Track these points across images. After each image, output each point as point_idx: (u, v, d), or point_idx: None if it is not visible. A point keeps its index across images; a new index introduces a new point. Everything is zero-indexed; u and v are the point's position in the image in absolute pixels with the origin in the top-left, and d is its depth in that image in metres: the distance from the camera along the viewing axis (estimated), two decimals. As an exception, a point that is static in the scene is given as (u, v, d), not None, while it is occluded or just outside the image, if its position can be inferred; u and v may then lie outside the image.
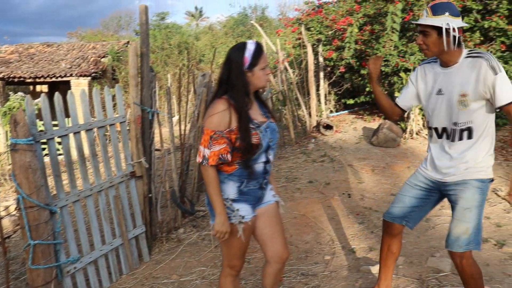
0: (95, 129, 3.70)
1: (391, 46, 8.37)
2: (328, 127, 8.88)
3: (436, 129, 2.68)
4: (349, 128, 9.22)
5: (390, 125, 7.68)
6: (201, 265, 4.01)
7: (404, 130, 8.18)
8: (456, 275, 3.39)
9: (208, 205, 2.50)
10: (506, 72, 7.57)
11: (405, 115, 8.25)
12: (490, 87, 2.41)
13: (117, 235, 3.90)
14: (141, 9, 3.94)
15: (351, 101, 10.22)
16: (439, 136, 2.67)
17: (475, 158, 2.54)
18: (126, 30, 42.02)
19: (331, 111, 10.73)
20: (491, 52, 8.05)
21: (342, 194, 5.51)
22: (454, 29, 2.44)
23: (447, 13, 2.46)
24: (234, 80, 2.34)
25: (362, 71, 9.21)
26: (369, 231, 4.45)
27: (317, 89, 10.08)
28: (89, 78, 17.13)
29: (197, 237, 4.60)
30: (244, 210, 2.44)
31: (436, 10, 2.48)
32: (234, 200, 2.43)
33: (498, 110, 2.52)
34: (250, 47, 2.35)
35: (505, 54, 8.01)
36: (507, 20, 8.08)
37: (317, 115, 9.63)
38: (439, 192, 2.75)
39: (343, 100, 10.92)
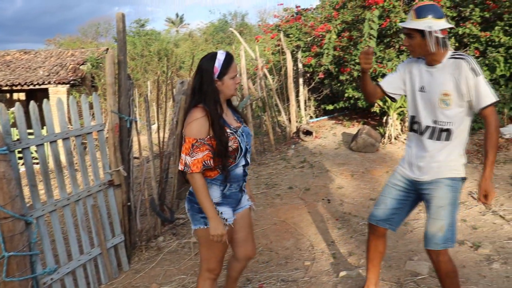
0: (72, 138, 3.66)
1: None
2: (308, 133, 8.93)
3: (418, 124, 2.75)
4: (329, 133, 9.29)
5: (368, 130, 7.76)
6: (181, 273, 3.99)
7: (382, 135, 8.27)
8: (434, 278, 3.45)
9: (189, 211, 2.56)
10: (481, 78, 7.74)
11: (384, 120, 8.36)
12: (471, 88, 2.49)
13: (95, 244, 3.86)
14: (118, 17, 3.93)
15: (330, 107, 10.30)
16: (420, 133, 2.74)
17: (447, 158, 2.63)
18: (105, 37, 41.71)
19: (311, 117, 10.80)
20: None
21: (322, 200, 5.54)
22: (436, 31, 2.51)
23: (430, 16, 2.54)
24: (205, 88, 2.42)
25: (341, 77, 9.29)
26: (349, 236, 4.48)
27: (297, 95, 10.14)
28: (68, 85, 16.93)
29: (177, 245, 4.57)
30: (226, 213, 2.53)
31: (420, 13, 2.55)
32: (218, 204, 2.51)
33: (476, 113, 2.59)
34: (220, 57, 2.44)
35: (478, 59, 8.18)
36: (480, 27, 8.27)
37: (297, 121, 9.68)
38: (416, 192, 2.82)
39: (322, 106, 11.00)
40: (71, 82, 16.98)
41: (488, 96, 2.48)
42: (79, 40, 35.04)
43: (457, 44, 8.52)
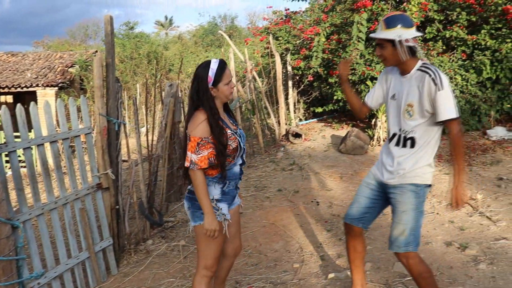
0: (59, 141, 3.64)
1: (357, 54, 8.53)
2: (297, 135, 8.95)
3: (388, 132, 2.85)
4: (318, 136, 9.32)
5: (357, 133, 7.80)
6: (170, 276, 3.97)
7: (371, 138, 8.32)
8: (421, 279, 3.47)
9: (190, 208, 2.68)
10: (467, 80, 7.84)
11: (372, 122, 8.41)
12: (433, 101, 2.53)
13: (83, 248, 3.84)
14: (106, 20, 3.91)
15: (319, 109, 10.34)
16: (389, 140, 2.81)
17: (413, 166, 2.67)
18: (94, 39, 41.46)
19: (300, 120, 10.83)
20: (452, 60, 8.31)
21: (311, 202, 5.56)
22: (406, 40, 2.56)
23: (399, 25, 2.59)
24: (201, 95, 2.58)
25: (330, 80, 9.34)
26: (338, 238, 4.50)
27: (286, 98, 10.17)
28: (56, 88, 16.79)
29: (166, 248, 4.56)
30: (225, 209, 2.69)
31: (389, 23, 2.61)
32: (218, 200, 2.66)
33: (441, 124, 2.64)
34: (213, 66, 2.57)
35: (465, 62, 8.28)
36: (466, 30, 8.36)
37: (286, 124, 9.70)
38: (384, 194, 2.87)
39: (312, 109, 11.04)
40: (60, 85, 16.85)
41: (448, 111, 2.51)
42: (68, 43, 34.81)
43: (444, 47, 8.62)
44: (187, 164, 2.55)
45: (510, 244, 4.01)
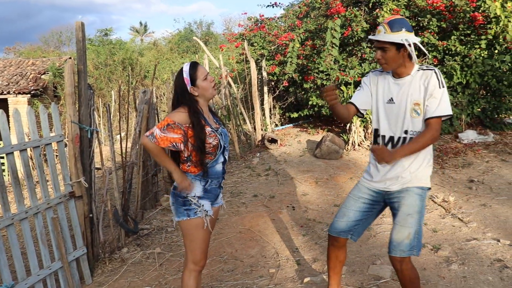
0: (29, 150, 3.58)
1: (331, 60, 8.62)
2: (273, 140, 8.98)
3: (383, 137, 2.79)
4: (294, 141, 9.36)
5: (332, 138, 7.87)
6: (146, 284, 3.93)
7: (346, 142, 8.40)
8: (396, 281, 3.52)
9: (173, 204, 2.79)
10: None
11: (347, 127, 8.49)
12: (435, 97, 2.57)
13: (56, 258, 3.77)
14: (77, 26, 3.88)
15: (295, 115, 10.39)
16: (386, 145, 2.77)
17: (417, 168, 2.69)
18: (68, 46, 40.83)
19: (276, 125, 10.87)
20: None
21: (287, 207, 5.58)
22: (414, 44, 2.60)
23: (404, 29, 2.60)
24: (182, 100, 2.70)
25: (305, 85, 9.41)
26: (314, 242, 4.52)
27: (262, 104, 10.20)
28: (29, 95, 16.51)
29: (141, 256, 4.52)
30: (207, 205, 2.79)
31: (394, 26, 2.61)
32: (199, 197, 2.76)
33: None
34: (185, 68, 2.71)
35: (437, 67, 8.44)
36: (437, 36, 8.54)
37: (262, 129, 9.72)
38: (383, 202, 2.85)
39: (287, 114, 11.09)
40: (32, 92, 16.57)
41: (443, 109, 2.56)
42: (40, 49, 34.19)
43: (416, 53, 8.75)
44: (147, 133, 2.64)
45: (481, 245, 4.10)
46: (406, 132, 2.69)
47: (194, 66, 2.72)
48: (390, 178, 2.74)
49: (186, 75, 2.68)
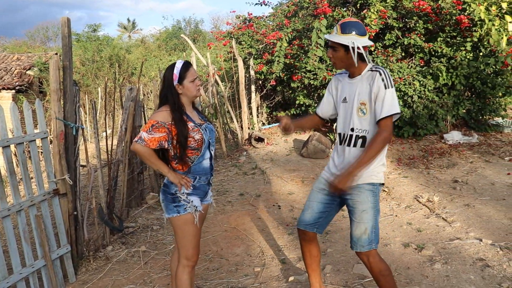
0: (12, 146, 3.53)
1: (315, 60, 8.64)
2: (260, 139, 8.99)
3: (339, 134, 2.90)
4: (280, 140, 9.38)
5: (319, 137, 7.90)
6: (130, 283, 3.91)
7: (332, 142, 8.43)
8: (379, 280, 3.54)
9: (163, 201, 2.83)
10: (425, 86, 8.07)
11: (334, 126, 8.53)
12: (378, 99, 2.64)
13: (39, 256, 3.73)
14: (63, 22, 3.83)
15: (282, 114, 10.41)
16: (340, 142, 2.88)
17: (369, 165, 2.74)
18: (55, 41, 40.35)
19: (263, 124, 10.88)
20: (411, 66, 8.54)
21: (273, 206, 5.59)
22: (359, 47, 2.66)
23: (353, 32, 2.68)
24: (168, 93, 2.78)
25: (293, 84, 9.43)
26: (299, 241, 4.52)
27: (249, 102, 10.20)
28: (13, 91, 16.29)
29: (126, 254, 4.49)
30: (196, 201, 2.83)
31: (344, 29, 2.69)
32: (188, 194, 2.80)
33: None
34: (178, 65, 2.79)
35: (423, 68, 8.52)
36: (424, 38, 8.62)
37: (249, 128, 9.72)
38: (338, 197, 2.91)
39: (274, 113, 11.11)
40: (17, 88, 16.35)
41: (389, 108, 2.61)
42: (26, 44, 33.72)
43: (403, 54, 8.84)
44: (136, 139, 2.70)
45: (464, 244, 4.15)
46: (352, 130, 2.77)
47: (186, 66, 2.80)
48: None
49: (176, 71, 2.76)
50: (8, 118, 3.73)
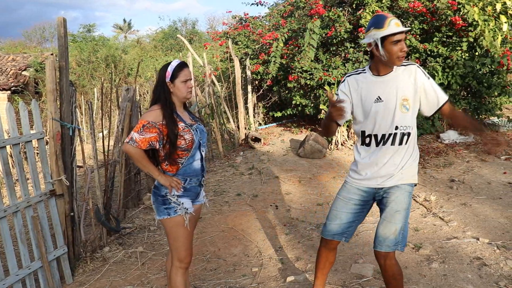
0: (8, 147, 3.52)
1: (306, 62, 8.64)
2: (256, 139, 8.99)
3: (376, 136, 2.73)
4: (277, 140, 9.38)
5: (316, 137, 7.90)
6: (128, 283, 3.90)
7: (329, 142, 8.44)
8: (377, 279, 3.55)
9: (154, 203, 2.83)
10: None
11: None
12: (426, 90, 2.62)
13: (36, 257, 3.72)
14: (59, 22, 3.82)
15: (278, 114, 10.42)
16: (377, 143, 2.73)
17: (409, 164, 2.71)
18: (51, 42, 40.20)
19: (260, 124, 10.88)
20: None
21: (270, 206, 5.59)
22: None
23: (372, 28, 2.64)
24: (159, 89, 2.79)
25: (289, 85, 9.43)
26: (296, 241, 4.53)
27: (245, 102, 10.19)
28: (9, 92, 16.23)
29: (123, 255, 4.48)
30: (187, 203, 2.82)
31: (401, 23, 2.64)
32: (179, 196, 2.79)
33: (432, 114, 2.74)
34: (173, 63, 2.79)
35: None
36: (420, 38, 8.64)
37: (245, 128, 9.72)
38: (372, 199, 2.84)
39: (271, 113, 11.11)
40: (13, 88, 16.29)
41: (443, 94, 2.66)
42: (21, 45, 33.61)
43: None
44: (126, 140, 2.70)
45: (461, 243, 4.16)
46: (396, 128, 2.66)
47: (181, 66, 2.79)
48: (383, 175, 2.72)
49: (170, 69, 2.76)
50: (4, 119, 3.71)
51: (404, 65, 2.66)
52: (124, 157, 5.32)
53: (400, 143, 2.68)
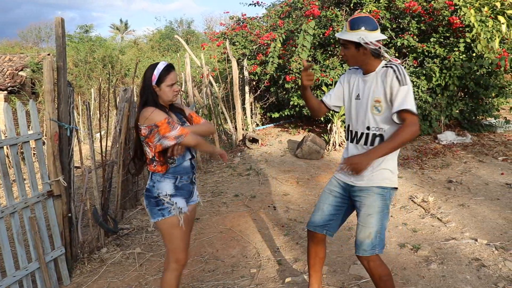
0: (5, 147, 3.49)
1: (299, 62, 8.64)
2: (254, 140, 8.98)
3: (352, 132, 2.82)
4: (275, 141, 9.37)
5: (313, 138, 7.90)
6: (125, 285, 3.88)
7: (327, 142, 8.44)
8: (376, 281, 3.54)
9: (147, 206, 2.79)
10: (418, 87, 8.09)
11: (328, 127, 8.54)
12: (393, 94, 2.56)
13: (33, 258, 3.70)
14: (57, 22, 3.80)
15: (276, 115, 10.41)
16: (353, 140, 2.80)
17: (380, 165, 2.68)
18: (47, 42, 40.07)
19: (257, 125, 10.87)
20: (404, 67, 8.57)
21: (268, 207, 5.58)
22: (369, 43, 2.59)
23: (363, 28, 2.61)
24: (146, 92, 2.74)
25: (286, 85, 9.43)
26: (295, 242, 4.52)
27: (243, 103, 10.18)
28: (5, 92, 16.17)
29: (121, 256, 4.46)
30: (180, 203, 2.79)
31: (353, 25, 2.63)
32: (172, 195, 2.76)
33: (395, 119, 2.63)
34: (160, 66, 2.73)
35: (417, 69, 8.55)
36: (417, 38, 8.65)
37: (243, 129, 9.71)
38: (349, 197, 2.86)
39: (268, 114, 11.10)
40: (9, 89, 16.23)
41: (407, 103, 2.51)
42: (18, 45, 33.49)
43: (396, 54, 8.87)
44: (172, 142, 2.65)
45: (459, 244, 4.16)
46: (368, 128, 2.70)
47: (168, 69, 2.74)
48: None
49: (157, 72, 2.70)
50: (1, 119, 3.69)
51: (386, 67, 2.65)
52: (122, 157, 5.30)
53: (372, 144, 2.69)
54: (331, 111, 3.20)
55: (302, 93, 2.95)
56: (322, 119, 8.94)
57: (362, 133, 2.74)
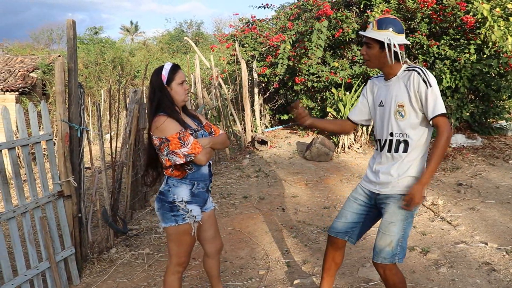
0: (17, 148, 3.53)
1: (314, 61, 8.63)
2: (263, 142, 8.98)
3: (379, 140, 2.75)
4: (284, 143, 9.37)
5: (322, 140, 7.88)
6: (134, 285, 3.91)
7: (336, 145, 8.42)
8: (384, 284, 3.53)
9: (159, 210, 2.73)
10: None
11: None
12: (423, 99, 2.50)
13: (44, 258, 3.73)
14: (68, 24, 3.84)
15: (285, 117, 10.41)
16: (381, 148, 2.73)
17: (405, 173, 2.61)
18: (59, 43, 40.35)
19: (266, 127, 10.88)
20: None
21: (276, 209, 5.58)
22: (395, 45, 2.54)
23: (390, 29, 2.57)
24: (159, 96, 2.68)
25: (296, 87, 9.43)
26: (303, 244, 4.52)
27: (252, 105, 10.19)
28: (17, 93, 16.33)
29: (130, 257, 4.48)
30: (195, 211, 2.74)
31: (381, 25, 2.59)
32: (187, 202, 2.71)
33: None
34: (167, 67, 2.72)
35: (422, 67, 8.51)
36: (428, 39, 8.61)
37: (252, 131, 9.72)
38: (375, 205, 2.80)
39: (277, 116, 11.11)
40: (21, 90, 16.39)
41: (439, 106, 2.48)
42: (30, 46, 33.78)
43: (406, 56, 8.83)
44: (182, 161, 2.59)
45: (469, 248, 4.13)
46: (391, 134, 2.63)
47: (175, 68, 2.73)
48: (380, 182, 2.69)
49: (165, 73, 2.69)
50: (12, 120, 3.72)
51: (408, 70, 2.60)
52: (132, 158, 5.33)
53: (396, 151, 2.63)
54: (340, 114, 3.18)
55: (313, 127, 2.94)
56: (331, 121, 8.93)
57: (385, 140, 2.68)
